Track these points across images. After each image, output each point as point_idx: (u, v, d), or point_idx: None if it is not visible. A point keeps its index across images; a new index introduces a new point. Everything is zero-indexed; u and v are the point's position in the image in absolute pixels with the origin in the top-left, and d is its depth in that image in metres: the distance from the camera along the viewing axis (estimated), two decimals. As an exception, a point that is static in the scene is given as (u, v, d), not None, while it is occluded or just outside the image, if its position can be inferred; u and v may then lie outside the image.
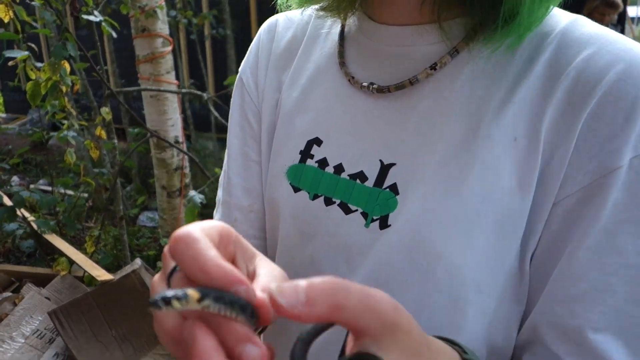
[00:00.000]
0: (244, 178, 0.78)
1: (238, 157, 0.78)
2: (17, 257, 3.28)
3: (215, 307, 0.32)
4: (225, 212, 0.80)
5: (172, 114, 2.96)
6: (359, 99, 0.63)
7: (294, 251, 0.68)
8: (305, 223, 0.65)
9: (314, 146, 0.65)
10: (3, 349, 2.19)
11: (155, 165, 3.06)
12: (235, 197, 0.78)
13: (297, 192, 0.66)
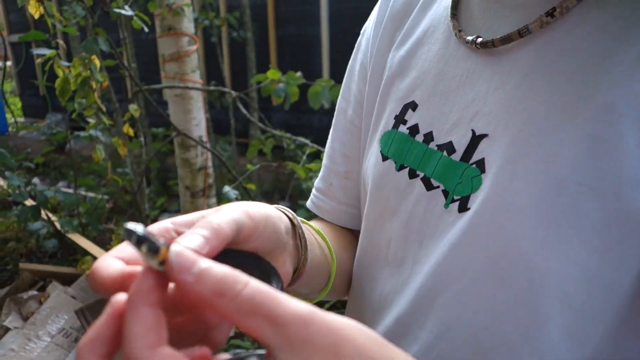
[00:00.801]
0: (344, 143, 0.75)
1: (342, 121, 0.75)
2: (39, 257, 3.27)
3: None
4: (325, 176, 0.78)
5: (196, 114, 2.94)
6: (461, 57, 0.56)
7: (373, 233, 0.64)
8: (387, 198, 0.61)
9: (409, 111, 0.60)
10: (29, 348, 2.16)
11: (179, 166, 3.04)
12: (333, 162, 0.76)
13: (385, 160, 0.62)
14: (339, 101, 0.77)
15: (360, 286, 0.67)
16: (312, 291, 0.64)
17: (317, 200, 0.78)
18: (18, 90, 7.70)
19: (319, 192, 0.78)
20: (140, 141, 2.52)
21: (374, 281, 0.63)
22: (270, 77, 2.41)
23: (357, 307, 0.68)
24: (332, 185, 0.75)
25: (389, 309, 0.59)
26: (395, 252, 0.60)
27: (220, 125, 5.05)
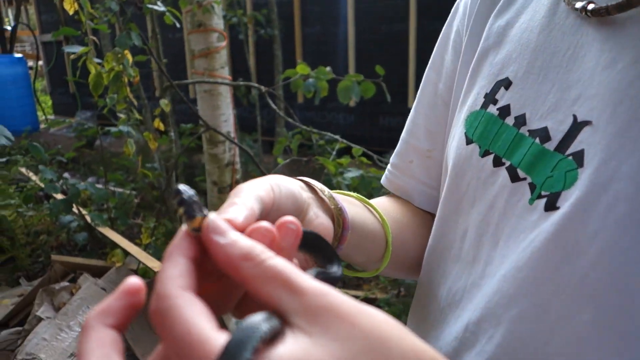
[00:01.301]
0: (429, 118, 0.69)
1: (429, 94, 0.69)
2: (70, 250, 3.33)
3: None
4: (402, 151, 0.72)
5: (225, 110, 2.95)
6: (568, 28, 0.49)
7: (449, 222, 0.59)
8: (467, 185, 0.55)
9: (501, 89, 0.53)
10: (61, 338, 2.20)
11: (207, 161, 3.06)
12: (415, 138, 0.70)
13: (469, 144, 0.56)
14: (426, 72, 0.70)
15: (428, 278, 0.63)
16: (369, 259, 0.61)
17: (393, 176, 0.73)
18: (49, 88, 7.87)
19: (395, 168, 0.73)
20: (171, 136, 2.54)
21: (443, 275, 0.58)
22: (300, 72, 2.40)
23: (423, 300, 0.63)
24: (412, 163, 0.70)
25: (456, 310, 0.54)
26: (469, 248, 0.54)
27: (246, 123, 5.08)
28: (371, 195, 2.53)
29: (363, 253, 0.59)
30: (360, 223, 0.56)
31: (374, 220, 0.60)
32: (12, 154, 4.08)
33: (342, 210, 0.52)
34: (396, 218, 0.65)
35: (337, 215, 0.52)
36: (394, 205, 0.69)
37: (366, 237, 0.57)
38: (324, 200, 0.52)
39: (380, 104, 4.93)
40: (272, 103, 2.46)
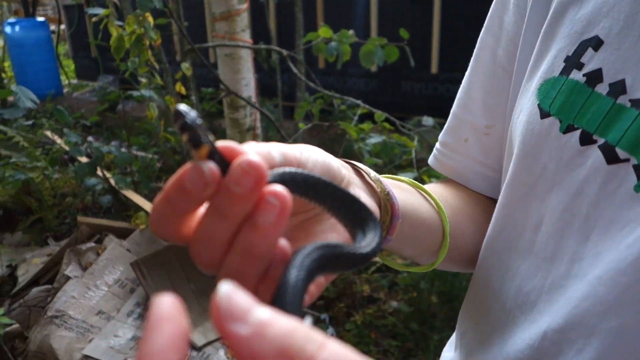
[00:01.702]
0: (487, 90, 0.60)
1: (486, 61, 0.60)
2: (94, 212, 3.41)
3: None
4: (454, 128, 0.64)
5: (245, 74, 2.93)
6: None
7: (516, 209, 0.50)
8: (543, 167, 0.47)
9: (589, 50, 0.45)
10: (89, 296, 2.28)
11: (228, 126, 3.07)
12: (470, 113, 0.62)
13: (545, 118, 0.47)
14: (482, 37, 0.61)
15: (488, 273, 0.55)
16: (422, 251, 0.55)
17: (443, 156, 0.65)
18: (71, 52, 7.91)
19: (446, 147, 0.65)
20: (192, 100, 2.54)
21: (508, 271, 0.51)
22: (322, 35, 2.36)
23: (482, 297, 0.56)
24: (468, 141, 0.62)
25: (530, 313, 0.47)
26: (545, 241, 0.46)
27: (266, 88, 5.04)
28: (392, 161, 2.52)
29: (416, 245, 0.53)
30: (412, 211, 0.50)
31: (428, 207, 0.53)
32: (37, 118, 4.14)
33: (390, 195, 0.46)
34: (453, 205, 0.58)
35: (384, 200, 0.45)
36: (449, 191, 0.62)
37: (420, 226, 0.51)
38: (370, 184, 0.46)
39: (402, 69, 4.84)
40: (294, 67, 2.43)
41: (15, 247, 3.10)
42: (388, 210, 0.46)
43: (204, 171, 0.30)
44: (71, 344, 2.07)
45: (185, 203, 0.31)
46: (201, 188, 0.30)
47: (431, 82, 4.93)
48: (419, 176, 1.92)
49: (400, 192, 0.50)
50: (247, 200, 0.30)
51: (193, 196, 0.30)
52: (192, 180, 0.30)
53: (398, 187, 0.51)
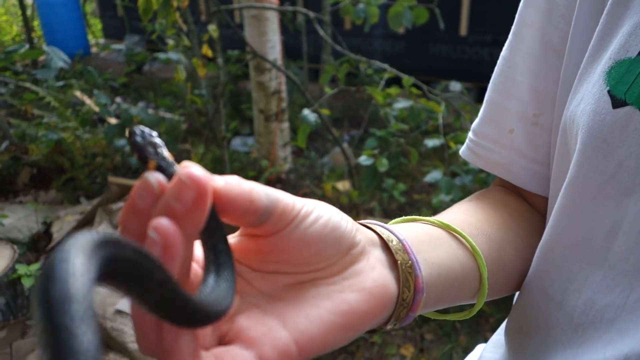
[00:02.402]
0: (535, 73, 0.53)
1: (530, 41, 0.53)
2: (124, 172, 3.49)
3: None
4: (494, 117, 0.57)
5: (271, 36, 2.91)
6: None
7: (582, 212, 0.44)
8: (619, 164, 0.40)
9: None
10: (120, 253, 2.36)
11: (254, 89, 3.07)
12: (515, 100, 0.55)
13: (620, 107, 0.40)
14: (522, 12, 0.54)
15: (545, 282, 0.49)
16: (454, 304, 0.48)
17: (481, 149, 0.58)
18: (98, 11, 7.92)
19: (485, 138, 0.58)
20: (218, 63, 2.54)
21: (572, 281, 0.46)
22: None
23: (538, 309, 0.50)
24: (514, 132, 0.55)
25: (607, 332, 0.42)
26: (625, 252, 0.40)
27: (290, 50, 5.00)
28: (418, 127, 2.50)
29: (446, 304, 0.47)
30: (443, 275, 0.43)
31: (463, 257, 0.46)
32: (66, 78, 4.20)
33: (414, 267, 0.40)
34: (490, 235, 0.51)
35: (405, 273, 0.39)
36: (482, 214, 0.54)
37: (451, 287, 0.45)
38: (392, 254, 0.40)
39: (429, 32, 4.73)
40: (320, 29, 2.40)
41: (49, 204, 3.22)
42: (410, 286, 0.39)
43: (150, 182, 0.29)
44: (104, 299, 2.17)
45: (138, 225, 0.29)
46: (150, 201, 0.29)
47: (459, 45, 4.81)
48: (445, 143, 1.91)
49: (428, 248, 0.43)
50: (188, 220, 0.28)
51: (144, 214, 0.29)
52: (140, 193, 0.29)
53: (427, 240, 0.44)
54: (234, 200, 0.31)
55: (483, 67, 4.69)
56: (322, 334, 0.33)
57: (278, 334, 0.32)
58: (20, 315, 2.26)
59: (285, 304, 0.34)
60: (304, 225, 0.34)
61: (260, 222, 0.33)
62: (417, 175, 3.44)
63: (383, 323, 0.40)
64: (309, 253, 0.34)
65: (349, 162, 2.65)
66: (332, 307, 0.34)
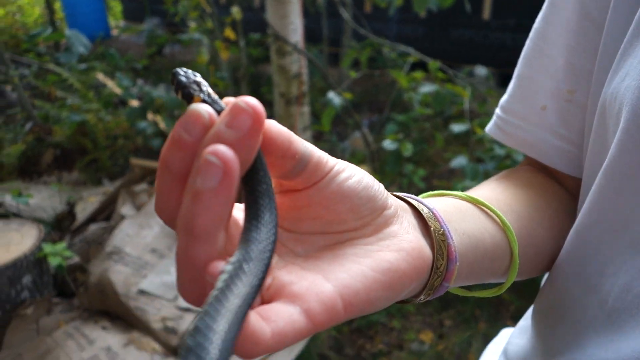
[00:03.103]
0: (572, 48, 0.51)
1: (566, 13, 0.50)
2: (145, 154, 3.52)
3: None
4: (524, 93, 0.55)
5: (293, 19, 2.89)
6: None
7: (617, 196, 0.42)
8: None
9: None
10: (143, 234, 2.39)
11: (275, 72, 3.06)
12: (548, 75, 0.52)
13: None
14: None
15: (577, 265, 0.48)
16: (485, 280, 0.47)
17: (509, 126, 0.56)
18: (117, -7, 7.94)
19: (514, 115, 0.56)
20: (240, 46, 2.53)
21: (608, 265, 0.44)
22: (374, -22, 2.28)
23: (568, 293, 0.49)
24: (546, 108, 0.53)
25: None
26: None
27: (310, 33, 4.96)
28: (442, 112, 2.47)
29: (478, 278, 0.46)
30: (474, 244, 0.42)
31: (492, 229, 0.45)
32: (88, 60, 4.22)
33: (446, 235, 0.39)
34: (520, 212, 0.50)
35: (438, 241, 0.39)
36: (511, 192, 0.53)
37: (482, 260, 0.44)
38: (424, 220, 0.39)
39: (451, 15, 4.65)
40: (345, 12, 2.37)
41: (72, 185, 3.26)
42: (444, 254, 0.38)
43: (198, 111, 0.27)
44: (128, 279, 2.20)
45: (182, 161, 0.28)
46: (198, 133, 0.27)
47: (482, 30, 4.72)
48: (471, 128, 1.89)
49: (458, 219, 0.43)
50: (241, 150, 0.27)
51: (190, 148, 0.27)
52: (186, 125, 0.27)
53: (456, 212, 0.44)
54: (275, 138, 0.31)
55: (506, 53, 4.60)
56: (366, 290, 0.32)
57: (322, 287, 0.31)
58: (46, 292, 2.31)
59: (324, 261, 0.34)
60: (339, 179, 0.34)
61: (296, 171, 0.33)
62: (438, 161, 3.42)
63: (416, 294, 0.39)
64: (344, 208, 0.34)
65: (369, 147, 2.63)
66: (372, 264, 0.33)
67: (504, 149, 1.79)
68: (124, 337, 2.07)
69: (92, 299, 2.23)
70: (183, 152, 0.27)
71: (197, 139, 0.27)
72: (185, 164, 0.27)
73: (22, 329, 2.12)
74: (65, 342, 2.04)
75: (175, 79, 0.31)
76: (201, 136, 0.27)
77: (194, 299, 0.28)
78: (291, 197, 0.35)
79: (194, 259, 0.26)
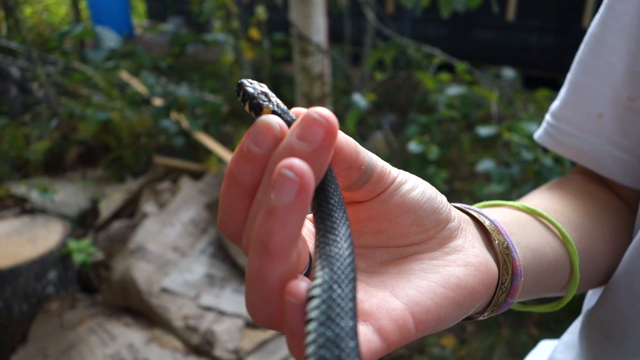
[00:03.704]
0: (634, 54, 0.48)
1: (627, 18, 0.48)
2: (167, 152, 3.55)
3: None
4: (577, 100, 0.52)
5: (317, 18, 2.89)
6: None
7: None
8: None
9: None
10: (166, 232, 2.41)
11: (297, 72, 3.06)
12: (606, 82, 0.50)
13: None
14: None
15: (633, 285, 0.46)
16: (545, 294, 0.46)
17: (562, 135, 0.54)
18: (141, -7, 8.03)
19: (568, 123, 0.53)
20: (263, 46, 2.53)
21: None
22: (400, -21, 2.26)
23: (625, 309, 0.47)
24: (603, 116, 0.51)
25: None
26: None
27: (332, 33, 4.95)
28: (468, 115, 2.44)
29: (538, 293, 0.44)
30: (537, 259, 0.41)
31: (553, 243, 0.43)
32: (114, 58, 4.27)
33: (510, 248, 0.38)
34: (578, 224, 0.48)
35: (503, 255, 0.37)
36: (568, 202, 0.51)
37: (544, 274, 0.42)
38: (487, 233, 0.38)
39: (474, 15, 4.60)
40: (369, 13, 2.36)
41: (96, 181, 3.31)
42: (508, 268, 0.37)
43: (269, 123, 0.26)
44: (150, 276, 2.22)
45: (251, 174, 0.27)
46: (269, 145, 0.26)
47: (506, 31, 4.66)
48: (499, 132, 1.86)
49: (519, 232, 0.41)
50: (313, 163, 0.26)
51: (259, 161, 0.26)
52: (256, 137, 0.26)
53: (516, 224, 0.42)
54: (343, 149, 0.30)
55: (530, 54, 4.54)
56: (436, 307, 0.31)
57: (392, 304, 0.30)
58: (70, 288, 2.34)
59: (390, 277, 0.33)
60: (402, 190, 0.33)
61: (361, 182, 0.32)
62: (460, 163, 3.38)
63: (481, 310, 0.38)
64: (408, 221, 0.33)
65: (391, 147, 2.62)
66: (441, 280, 0.32)
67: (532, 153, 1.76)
68: (146, 334, 2.09)
69: (115, 295, 2.26)
70: (252, 165, 0.27)
71: (267, 151, 0.27)
72: (254, 177, 0.27)
73: (47, 324, 2.15)
74: (89, 338, 2.07)
75: (242, 90, 0.30)
76: (272, 149, 0.27)
77: (264, 320, 0.27)
78: (352, 210, 0.34)
79: (268, 279, 0.25)
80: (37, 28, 5.82)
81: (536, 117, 1.99)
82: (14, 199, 2.92)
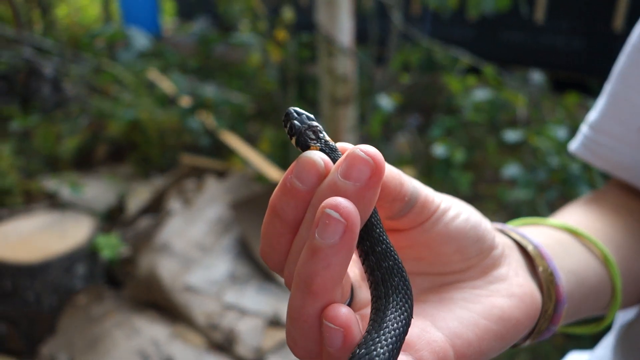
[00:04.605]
0: None
1: None
2: (192, 151, 3.60)
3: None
4: (619, 114, 0.50)
5: (344, 20, 2.89)
6: None
7: None
8: None
9: None
10: (190, 230, 2.45)
11: (323, 73, 3.07)
12: (637, 106, 0.47)
13: None
14: None
15: None
16: (586, 316, 0.45)
17: (601, 147, 0.52)
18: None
19: (607, 135, 0.52)
20: (289, 48, 2.55)
21: None
22: (428, -19, 2.25)
23: None
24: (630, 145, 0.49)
25: None
26: None
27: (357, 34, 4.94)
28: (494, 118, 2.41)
29: (579, 316, 0.43)
30: (580, 284, 0.40)
31: (594, 265, 0.42)
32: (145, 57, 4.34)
33: (555, 275, 0.36)
34: (618, 242, 0.47)
35: (547, 282, 0.36)
36: (607, 219, 0.49)
37: (587, 298, 0.41)
38: (531, 259, 0.37)
39: (501, 17, 4.54)
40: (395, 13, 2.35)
41: (123, 178, 3.38)
42: (552, 296, 0.36)
43: (314, 160, 0.26)
44: (174, 273, 2.26)
45: (295, 209, 0.27)
46: (313, 182, 0.26)
47: (533, 32, 4.59)
48: (525, 137, 1.84)
49: (562, 255, 0.40)
50: (358, 200, 0.25)
51: (303, 197, 0.26)
52: (300, 174, 0.26)
53: (558, 246, 0.41)
54: (387, 182, 0.29)
55: (558, 56, 4.46)
56: (478, 340, 0.30)
57: (433, 335, 0.29)
58: (97, 282, 2.40)
59: (431, 305, 0.32)
60: (446, 219, 0.32)
61: (404, 212, 0.31)
62: (483, 166, 3.34)
63: (522, 339, 0.37)
64: (450, 250, 0.32)
65: (416, 149, 2.60)
66: (483, 311, 0.31)
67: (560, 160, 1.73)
68: (170, 330, 2.12)
69: (140, 291, 2.30)
70: (296, 200, 0.27)
71: (311, 188, 0.26)
72: (297, 213, 0.27)
73: (74, 317, 2.21)
74: (114, 332, 2.11)
75: (289, 123, 0.29)
76: (315, 185, 0.26)
77: (304, 355, 0.27)
78: (393, 238, 0.33)
79: (310, 317, 0.25)
80: (70, 28, 5.96)
81: (564, 121, 1.96)
82: (45, 194, 3.01)
